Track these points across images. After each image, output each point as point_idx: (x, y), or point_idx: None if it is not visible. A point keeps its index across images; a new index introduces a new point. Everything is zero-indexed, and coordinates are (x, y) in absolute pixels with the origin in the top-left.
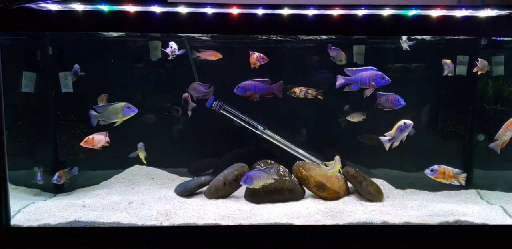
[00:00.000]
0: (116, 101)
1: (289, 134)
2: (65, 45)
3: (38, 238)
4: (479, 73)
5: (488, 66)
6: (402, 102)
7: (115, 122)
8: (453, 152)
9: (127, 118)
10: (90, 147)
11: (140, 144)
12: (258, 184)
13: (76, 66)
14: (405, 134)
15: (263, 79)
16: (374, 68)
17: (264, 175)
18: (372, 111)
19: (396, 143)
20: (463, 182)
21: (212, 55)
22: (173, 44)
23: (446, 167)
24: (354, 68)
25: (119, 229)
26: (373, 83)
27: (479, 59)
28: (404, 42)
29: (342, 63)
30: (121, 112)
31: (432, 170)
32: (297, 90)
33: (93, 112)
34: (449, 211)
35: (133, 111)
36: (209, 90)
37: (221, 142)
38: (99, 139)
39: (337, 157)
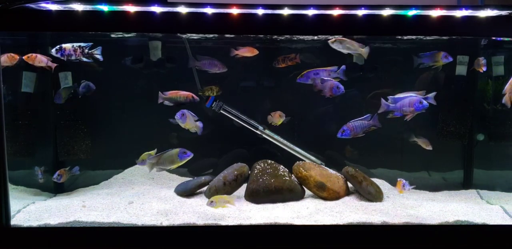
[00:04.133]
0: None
1: (289, 134)
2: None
3: (38, 238)
4: None
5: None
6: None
7: None
8: (453, 152)
9: (183, 163)
10: (31, 63)
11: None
12: (189, 123)
13: (86, 84)
14: None
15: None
16: (413, 95)
17: (191, 119)
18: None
19: None
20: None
21: (248, 52)
22: (67, 46)
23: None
24: (396, 96)
25: (119, 229)
26: (413, 108)
27: None
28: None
29: None
30: (177, 157)
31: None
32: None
33: (148, 161)
34: (449, 211)
35: (189, 155)
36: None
37: (221, 142)
38: (40, 60)
39: None
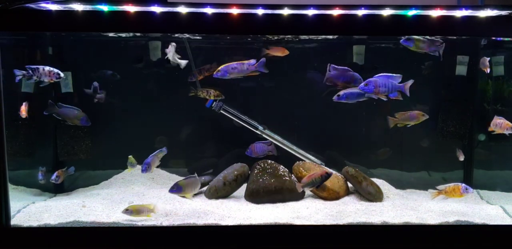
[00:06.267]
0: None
1: (289, 134)
2: (65, 45)
3: (38, 238)
4: None
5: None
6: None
7: None
8: (453, 152)
9: (195, 192)
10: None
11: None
12: (154, 167)
13: (95, 83)
14: None
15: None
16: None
17: (156, 159)
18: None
19: None
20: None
21: (279, 51)
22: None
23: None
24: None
25: (119, 229)
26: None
27: None
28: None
29: None
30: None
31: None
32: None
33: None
34: (449, 211)
35: (173, 191)
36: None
37: (221, 142)
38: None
39: None
